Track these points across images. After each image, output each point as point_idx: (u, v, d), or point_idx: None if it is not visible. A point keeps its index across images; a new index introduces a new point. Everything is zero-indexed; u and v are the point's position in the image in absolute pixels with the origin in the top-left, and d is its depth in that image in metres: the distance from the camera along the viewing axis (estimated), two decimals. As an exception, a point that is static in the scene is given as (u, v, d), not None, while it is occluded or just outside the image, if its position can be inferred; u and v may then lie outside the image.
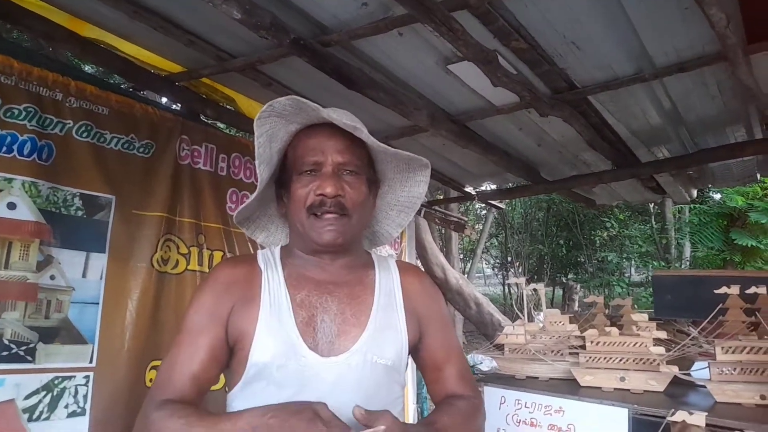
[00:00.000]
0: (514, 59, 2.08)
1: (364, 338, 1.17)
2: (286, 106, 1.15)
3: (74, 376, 1.95)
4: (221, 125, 3.54)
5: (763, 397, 1.63)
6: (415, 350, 1.30)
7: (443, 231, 9.10)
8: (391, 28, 1.85)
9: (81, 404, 1.95)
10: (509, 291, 15.49)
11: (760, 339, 1.72)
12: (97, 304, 2.05)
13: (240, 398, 1.16)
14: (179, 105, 2.65)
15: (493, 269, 20.27)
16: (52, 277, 1.94)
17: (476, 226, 15.73)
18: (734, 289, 1.76)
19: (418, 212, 4.12)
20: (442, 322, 1.35)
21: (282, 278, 1.22)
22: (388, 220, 1.40)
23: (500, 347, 2.29)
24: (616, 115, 2.65)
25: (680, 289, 2.22)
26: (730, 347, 1.72)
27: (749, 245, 8.29)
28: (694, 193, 4.28)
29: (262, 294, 1.19)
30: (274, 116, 1.17)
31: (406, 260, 3.91)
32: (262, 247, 1.37)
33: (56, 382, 1.90)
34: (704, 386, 1.76)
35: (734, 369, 1.71)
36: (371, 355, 1.16)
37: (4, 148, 1.80)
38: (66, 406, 1.91)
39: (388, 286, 1.29)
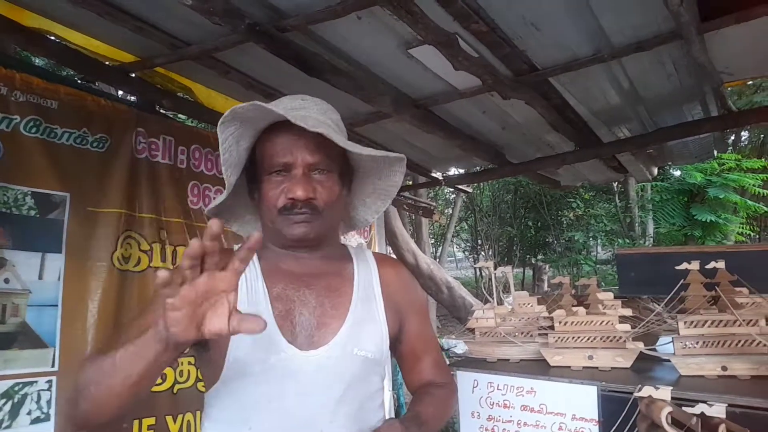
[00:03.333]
0: (475, 42, 2.06)
1: (344, 331, 1.16)
2: (248, 110, 1.10)
3: (36, 381, 1.89)
4: (180, 117, 3.44)
5: (724, 368, 1.67)
6: (394, 341, 1.30)
7: (413, 217, 9.12)
8: (350, 11, 1.81)
9: (45, 410, 1.89)
10: (480, 274, 15.67)
11: (720, 312, 1.77)
12: (56, 306, 1.99)
13: (219, 396, 1.13)
14: (134, 96, 2.56)
15: (464, 253, 20.47)
16: (6, 281, 1.87)
17: (446, 211, 15.84)
18: (694, 265, 1.79)
19: (386, 199, 4.10)
20: (421, 313, 1.37)
21: (259, 271, 1.19)
22: (364, 207, 1.38)
23: (472, 331, 2.30)
24: (576, 96, 2.67)
25: (643, 267, 2.26)
26: (692, 321, 1.76)
27: (709, 220, 8.53)
28: (655, 171, 4.37)
29: (239, 288, 1.16)
30: (238, 120, 1.13)
31: (376, 248, 3.90)
32: (231, 243, 1.33)
33: (16, 388, 1.84)
34: (669, 360, 1.80)
35: (697, 343, 1.75)
36: (351, 347, 1.15)
37: (-54, 147, 1.72)
38: (29, 413, 1.86)
39: (366, 278, 1.28)
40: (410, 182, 5.11)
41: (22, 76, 1.93)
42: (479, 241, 17.23)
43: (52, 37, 2.04)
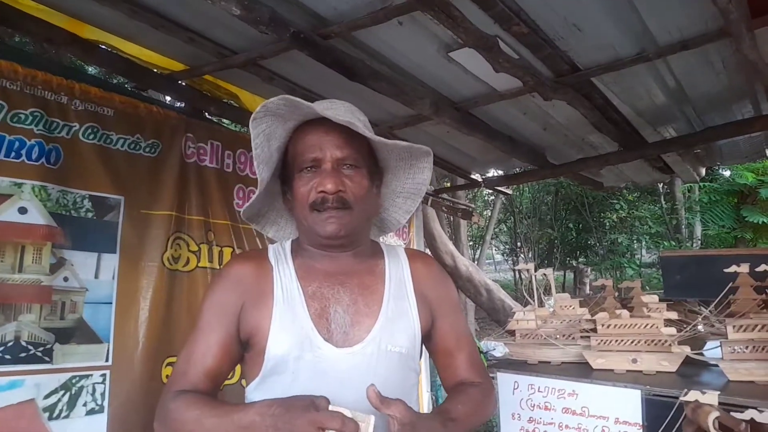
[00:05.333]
0: (516, 44, 2.06)
1: (378, 327, 1.19)
2: (280, 105, 1.15)
3: (91, 375, 1.98)
4: (226, 122, 3.55)
5: (775, 374, 1.63)
6: (427, 336, 1.31)
7: (451, 219, 9.09)
8: (391, 17, 1.84)
9: (99, 402, 1.99)
10: (519, 277, 15.46)
11: (771, 316, 1.72)
12: (111, 303, 2.08)
13: (258, 391, 1.18)
14: (183, 103, 2.66)
15: (503, 255, 20.23)
16: (66, 279, 1.96)
17: (485, 213, 15.69)
18: (744, 267, 1.75)
19: (425, 201, 4.11)
20: (452, 307, 1.36)
21: (293, 272, 1.23)
22: (395, 207, 1.40)
23: (512, 333, 2.30)
24: (620, 96, 2.63)
25: (689, 269, 2.21)
26: (742, 326, 1.72)
27: (760, 222, 8.21)
28: (703, 171, 4.25)
29: (274, 288, 1.20)
30: (269, 116, 1.18)
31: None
32: (272, 242, 1.38)
33: (74, 381, 1.93)
34: (717, 365, 1.76)
35: (746, 347, 1.71)
36: (385, 344, 1.18)
37: (13, 154, 1.82)
38: (84, 404, 1.95)
39: (398, 274, 1.30)
40: (449, 184, 5.11)
41: (81, 86, 2.03)
42: (518, 244, 17.00)
43: (105, 47, 2.14)
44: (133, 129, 2.18)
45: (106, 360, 2.03)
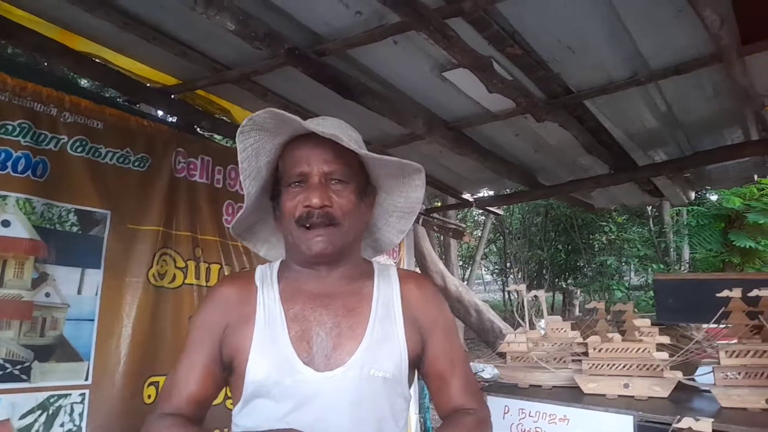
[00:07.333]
0: (509, 65, 2.07)
1: (361, 351, 1.14)
2: (266, 119, 1.13)
3: (70, 394, 1.92)
4: (217, 137, 3.53)
5: (769, 402, 1.61)
6: (418, 360, 1.26)
7: (442, 238, 9.09)
8: (386, 36, 1.84)
9: (77, 422, 1.92)
10: (509, 297, 15.47)
11: (764, 342, 1.71)
12: (93, 320, 2.02)
13: (242, 415, 1.15)
14: (175, 118, 2.64)
15: (493, 275, 20.24)
16: (47, 295, 1.92)
17: (475, 233, 15.72)
18: (736, 292, 1.74)
19: (416, 220, 4.10)
20: (446, 330, 1.30)
21: (277, 293, 1.20)
22: (388, 227, 1.37)
23: (502, 355, 2.26)
24: (612, 119, 2.65)
25: (682, 293, 2.20)
26: (734, 351, 1.70)
27: (748, 246, 8.28)
28: (692, 195, 4.28)
29: (257, 311, 1.17)
30: (256, 130, 1.16)
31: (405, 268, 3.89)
32: (261, 260, 1.35)
33: (52, 400, 1.87)
34: (709, 391, 1.74)
35: (739, 373, 1.70)
36: (368, 368, 1.13)
37: (-2, 165, 1.79)
38: (62, 425, 1.89)
39: (386, 295, 1.25)
40: (439, 203, 5.11)
41: (71, 98, 2.00)
42: (508, 264, 17.02)
43: (98, 60, 2.13)
44: (123, 142, 2.16)
45: (86, 379, 1.98)
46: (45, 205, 1.91)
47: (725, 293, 1.74)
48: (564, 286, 15.17)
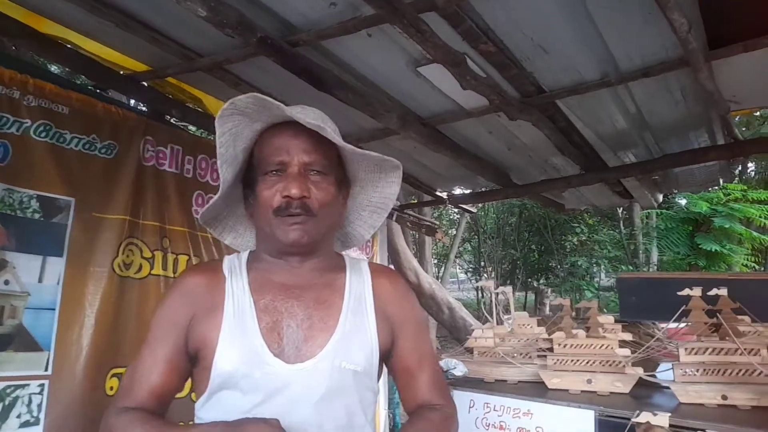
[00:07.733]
0: (483, 62, 2.08)
1: (332, 343, 1.14)
2: (248, 104, 1.11)
3: (28, 385, 1.88)
4: (191, 128, 3.48)
5: (724, 397, 1.65)
6: (387, 355, 1.26)
7: (417, 235, 9.11)
8: (360, 28, 1.83)
9: (35, 413, 1.88)
10: (482, 296, 15.60)
11: (721, 340, 1.75)
12: (54, 309, 1.98)
13: (207, 408, 1.12)
14: (145, 105, 2.59)
15: (467, 274, 20.39)
16: (6, 282, 1.87)
17: (450, 231, 15.81)
18: (696, 291, 1.78)
19: (390, 216, 4.10)
20: (416, 326, 1.30)
21: (246, 284, 1.18)
22: (360, 221, 1.36)
23: (470, 350, 2.28)
24: (583, 119, 2.68)
25: (644, 291, 2.24)
26: (693, 348, 1.75)
27: (714, 250, 8.49)
28: (660, 197, 4.37)
29: (225, 301, 1.15)
30: (237, 114, 1.13)
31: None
32: (230, 252, 1.32)
33: (8, 390, 1.83)
34: (668, 387, 1.78)
35: (697, 370, 1.74)
36: (339, 361, 1.13)
37: (-45, 148, 1.73)
38: (18, 416, 1.84)
39: (358, 289, 1.25)
40: (414, 200, 5.12)
41: (35, 81, 1.95)
42: (482, 263, 17.18)
43: (68, 45, 2.07)
44: (89, 129, 2.11)
45: (46, 369, 1.93)
46: (5, 191, 1.86)
47: (686, 292, 1.78)
48: (536, 285, 15.38)
